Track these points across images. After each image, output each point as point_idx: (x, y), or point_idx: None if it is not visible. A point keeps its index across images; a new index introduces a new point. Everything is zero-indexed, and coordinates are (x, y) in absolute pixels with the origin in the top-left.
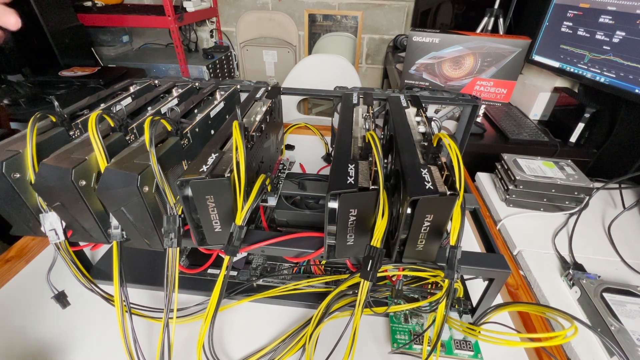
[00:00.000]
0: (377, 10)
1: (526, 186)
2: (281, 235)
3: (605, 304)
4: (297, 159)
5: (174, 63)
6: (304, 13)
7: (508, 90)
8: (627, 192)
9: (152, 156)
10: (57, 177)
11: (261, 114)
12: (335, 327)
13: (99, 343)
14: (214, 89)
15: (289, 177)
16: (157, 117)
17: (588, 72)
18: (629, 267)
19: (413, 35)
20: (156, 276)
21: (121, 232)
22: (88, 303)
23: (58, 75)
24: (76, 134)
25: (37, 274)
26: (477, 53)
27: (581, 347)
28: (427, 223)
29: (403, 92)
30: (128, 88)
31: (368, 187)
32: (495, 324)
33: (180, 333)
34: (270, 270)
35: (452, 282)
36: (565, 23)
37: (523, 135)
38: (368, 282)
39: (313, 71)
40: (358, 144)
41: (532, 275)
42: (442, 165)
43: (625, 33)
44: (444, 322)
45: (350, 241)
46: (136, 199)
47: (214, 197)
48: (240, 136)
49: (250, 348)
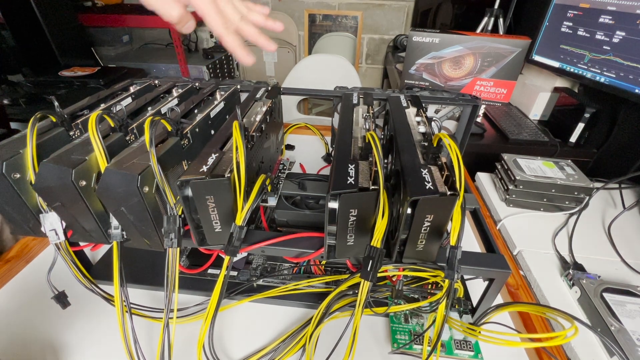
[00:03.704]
0: (377, 10)
1: (526, 186)
2: (281, 236)
3: (605, 304)
4: (297, 159)
5: (174, 63)
6: (304, 13)
7: (508, 90)
8: (627, 192)
9: (152, 156)
10: (57, 177)
11: (261, 114)
12: (336, 327)
13: (99, 343)
14: (214, 89)
15: (289, 177)
16: (157, 118)
17: (588, 72)
18: (629, 267)
19: (413, 35)
20: (156, 276)
21: (121, 232)
22: (88, 303)
23: (58, 75)
24: (76, 134)
25: (37, 274)
26: (477, 53)
27: (581, 347)
28: (427, 223)
29: (403, 92)
30: (128, 88)
31: (368, 187)
32: (496, 324)
33: (181, 333)
34: (271, 271)
35: (452, 282)
36: (565, 23)
37: (523, 135)
38: (368, 282)
39: (313, 71)
40: (358, 144)
41: (532, 275)
42: (442, 165)
43: (625, 33)
44: (444, 322)
45: (351, 241)
46: (136, 199)
47: (214, 197)
48: (240, 136)
49: (250, 348)
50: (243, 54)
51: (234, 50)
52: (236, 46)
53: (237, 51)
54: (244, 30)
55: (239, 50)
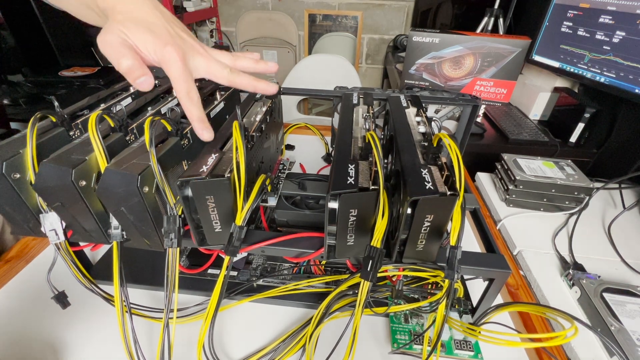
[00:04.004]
0: (377, 10)
1: (526, 186)
2: (281, 236)
3: (605, 304)
4: (297, 159)
5: None
6: (304, 13)
7: (508, 90)
8: (627, 192)
9: (152, 156)
10: (57, 178)
11: (261, 114)
12: (336, 327)
13: (99, 343)
14: (214, 89)
15: (289, 177)
16: (157, 118)
17: (588, 72)
18: (629, 267)
19: (413, 35)
20: (156, 276)
21: (121, 232)
22: (88, 303)
23: (58, 75)
24: (76, 134)
25: (37, 274)
26: (477, 53)
27: (581, 347)
28: (427, 223)
29: (403, 92)
30: (128, 88)
31: (368, 187)
32: (496, 324)
33: (181, 333)
34: (271, 271)
35: (452, 282)
36: (565, 23)
37: (523, 135)
38: (368, 282)
39: (313, 71)
40: (358, 144)
41: (532, 275)
42: (442, 165)
43: (625, 33)
44: (444, 322)
45: (351, 241)
46: (136, 199)
47: (214, 197)
48: (240, 136)
49: (250, 348)
50: (202, 127)
51: (193, 122)
52: (199, 118)
53: (196, 125)
54: (235, 81)
55: (198, 124)
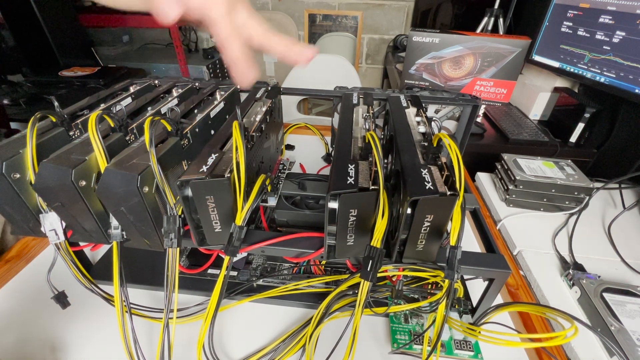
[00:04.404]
0: (377, 10)
1: (526, 186)
2: (281, 236)
3: (605, 304)
4: (297, 159)
5: (174, 63)
6: (304, 13)
7: (508, 90)
8: (627, 192)
9: (152, 156)
10: (57, 178)
11: (261, 114)
12: (336, 327)
13: (99, 343)
14: (214, 89)
15: (289, 177)
16: (157, 118)
17: (588, 72)
18: (629, 267)
19: (413, 35)
20: (156, 276)
21: (121, 232)
22: (88, 303)
23: (58, 75)
24: (76, 134)
25: (37, 274)
26: (477, 53)
27: (581, 347)
28: (427, 223)
29: (403, 92)
30: (128, 88)
31: (368, 188)
32: (496, 324)
33: (181, 333)
34: (270, 271)
35: (452, 282)
36: (565, 23)
37: (523, 135)
38: (368, 283)
39: (313, 71)
40: (358, 144)
41: (532, 275)
42: (442, 165)
43: (625, 33)
44: (444, 323)
45: (351, 241)
46: (136, 199)
47: (214, 198)
48: (240, 136)
49: (250, 348)
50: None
51: (237, 62)
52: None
53: (240, 63)
54: (271, 41)
55: (242, 62)
